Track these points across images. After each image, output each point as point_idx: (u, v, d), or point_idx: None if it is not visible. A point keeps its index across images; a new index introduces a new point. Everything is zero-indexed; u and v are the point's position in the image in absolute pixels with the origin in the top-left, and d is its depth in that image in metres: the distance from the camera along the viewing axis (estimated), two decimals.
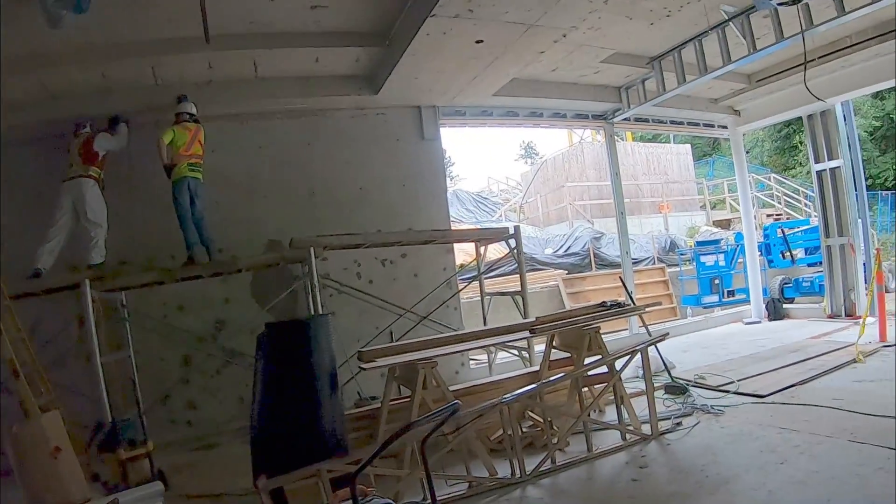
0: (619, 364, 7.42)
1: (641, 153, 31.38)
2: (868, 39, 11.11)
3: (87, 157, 9.11)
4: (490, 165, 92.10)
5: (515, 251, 11.01)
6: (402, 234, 10.71)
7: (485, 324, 11.09)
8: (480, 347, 7.81)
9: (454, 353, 7.76)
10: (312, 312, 9.08)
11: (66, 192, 8.98)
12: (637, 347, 7.42)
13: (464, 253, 14.80)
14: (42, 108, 9.27)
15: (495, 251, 13.71)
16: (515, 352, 10.69)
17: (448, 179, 45.91)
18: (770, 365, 10.03)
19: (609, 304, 8.47)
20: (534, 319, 8.06)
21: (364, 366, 6.90)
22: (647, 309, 9.04)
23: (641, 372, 8.28)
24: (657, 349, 8.62)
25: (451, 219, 26.15)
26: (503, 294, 11.69)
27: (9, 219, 9.01)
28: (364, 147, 11.32)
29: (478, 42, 8.68)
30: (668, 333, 8.49)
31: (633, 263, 20.73)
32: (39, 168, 9.47)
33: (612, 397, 7.57)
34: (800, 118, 15.08)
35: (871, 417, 6.79)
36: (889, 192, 29.19)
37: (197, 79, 9.71)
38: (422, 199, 11.65)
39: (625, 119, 13.81)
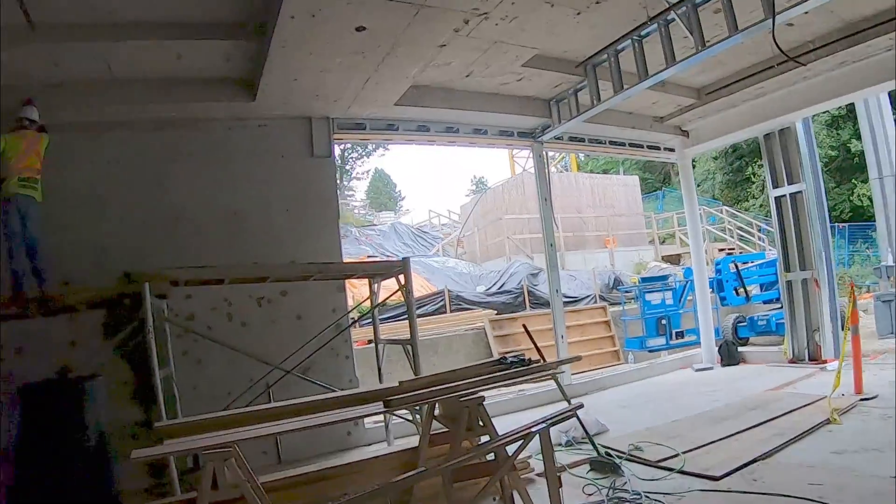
0: (511, 448, 5.48)
1: (587, 184, 30.44)
2: (833, 42, 9.74)
3: None
4: (439, 200, 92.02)
5: (405, 289, 9.17)
6: (271, 268, 8.98)
7: (380, 376, 9.66)
8: (302, 429, 5.88)
9: (265, 435, 5.70)
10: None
11: None
12: (534, 429, 5.29)
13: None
14: None
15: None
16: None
17: (393, 213, 45.96)
18: (725, 428, 8.10)
19: (510, 359, 6.71)
20: (396, 384, 6.21)
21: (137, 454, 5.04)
22: (558, 368, 7.34)
23: (564, 438, 7.09)
24: (577, 416, 6.89)
25: (387, 254, 25.52)
26: (394, 342, 9.89)
27: None
28: (241, 164, 9.78)
29: (359, 29, 7.35)
30: (581, 406, 6.51)
31: (572, 302, 19.65)
32: None
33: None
34: (755, 141, 13.59)
35: None
36: (845, 225, 28.60)
37: (44, 80, 8.36)
38: (309, 226, 10.03)
39: (556, 137, 12.10)
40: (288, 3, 6.66)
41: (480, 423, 5.76)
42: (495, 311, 18.82)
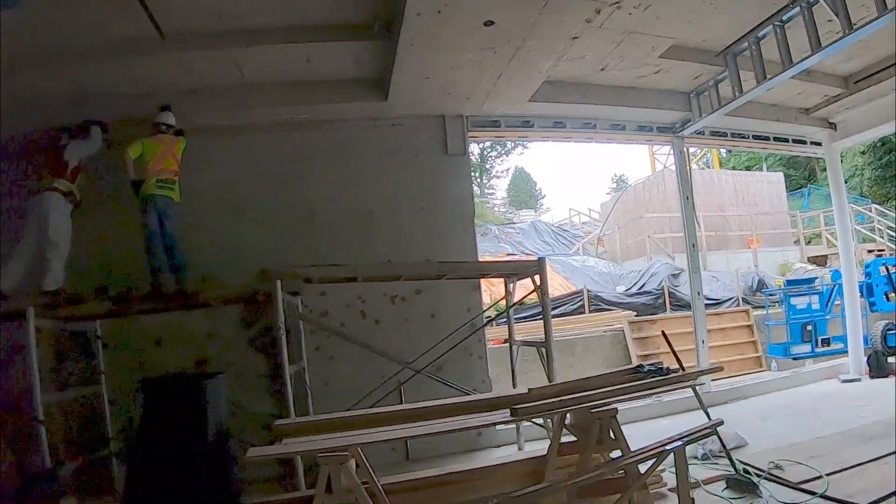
0: (644, 466, 5.22)
1: (729, 181, 29.12)
2: None
3: (55, 168, 8.29)
4: (580, 198, 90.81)
5: (540, 290, 8.84)
6: (403, 266, 8.94)
7: (513, 379, 9.40)
8: (420, 436, 5.75)
9: (383, 441, 5.52)
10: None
11: (31, 207, 8.18)
12: (668, 447, 5.05)
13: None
14: (13, 118, 8.48)
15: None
16: None
17: (533, 211, 45.65)
18: (874, 449, 7.18)
19: (647, 367, 6.36)
20: (525, 391, 5.99)
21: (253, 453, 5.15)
22: (697, 380, 6.82)
23: (700, 451, 6.76)
24: (716, 431, 6.42)
25: (527, 252, 25.36)
26: (529, 344, 9.58)
27: None
28: (374, 163, 9.87)
29: (487, 24, 7.18)
30: (720, 422, 6.08)
31: (714, 304, 18.78)
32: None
33: None
34: None
35: None
36: None
37: (178, 86, 8.79)
38: (444, 225, 9.96)
39: (697, 132, 11.56)
40: (413, 1, 6.61)
41: (612, 437, 5.47)
42: (634, 313, 18.23)
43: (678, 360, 7.13)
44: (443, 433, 5.56)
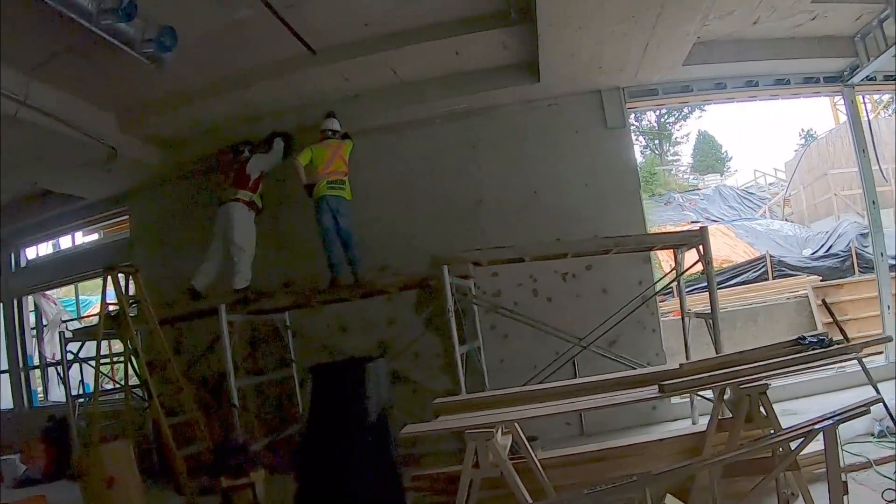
0: (794, 444, 4.68)
1: None
2: None
3: (238, 180, 9.34)
4: (766, 158, 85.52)
5: (704, 260, 8.47)
6: (568, 243, 8.93)
7: (686, 351, 8.94)
8: (571, 411, 5.72)
9: (530, 417, 5.59)
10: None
11: (219, 216, 9.29)
12: (818, 426, 4.46)
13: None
14: (199, 143, 10.17)
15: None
16: None
17: (719, 175, 43.92)
18: None
19: (808, 339, 5.76)
20: (677, 366, 5.88)
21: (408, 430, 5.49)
22: (862, 351, 5.84)
23: (877, 427, 6.37)
24: (885, 405, 5.55)
25: (712, 219, 24.56)
26: (699, 316, 9.04)
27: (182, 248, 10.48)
28: (536, 144, 9.99)
29: None
30: (878, 399, 5.05)
31: None
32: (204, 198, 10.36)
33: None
34: None
35: None
36: None
37: (339, 94, 9.53)
38: (609, 200, 9.82)
39: (868, 78, 10.40)
40: None
41: (763, 414, 5.10)
42: (820, 277, 16.80)
43: (841, 330, 6.49)
44: (587, 409, 5.75)
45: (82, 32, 6.67)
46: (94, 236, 13.93)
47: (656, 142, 46.70)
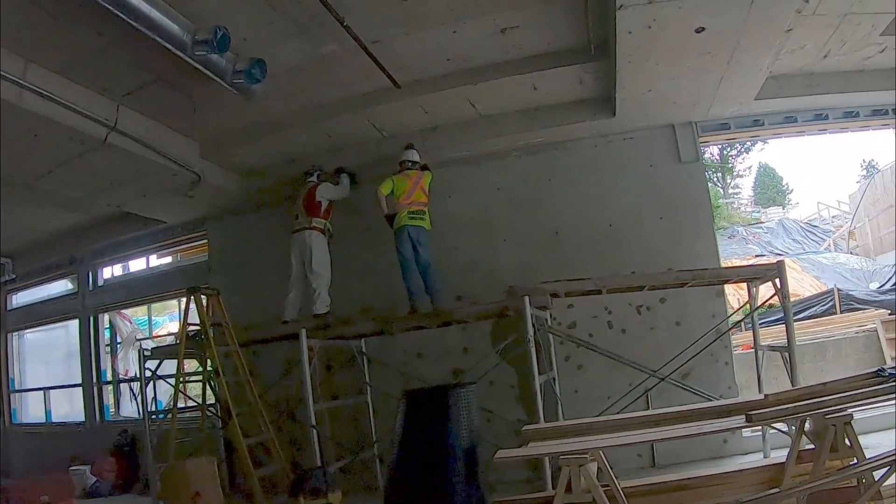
0: (877, 475, 4.87)
1: None
2: None
3: (310, 208, 9.59)
4: (828, 190, 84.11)
5: (780, 293, 8.51)
6: (645, 276, 8.94)
7: (759, 385, 8.93)
8: (659, 440, 5.78)
9: (625, 444, 5.86)
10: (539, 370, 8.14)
11: (294, 245, 9.60)
12: None
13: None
14: (280, 172, 10.56)
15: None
16: None
17: (781, 208, 43.43)
18: None
19: (888, 371, 5.78)
20: (762, 397, 5.99)
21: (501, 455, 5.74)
22: None
23: None
24: None
25: (776, 252, 24.31)
26: (773, 349, 9.18)
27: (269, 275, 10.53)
28: (611, 178, 10.10)
29: (698, 31, 7.20)
30: None
31: None
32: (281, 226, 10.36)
33: None
34: None
35: None
36: None
37: (418, 126, 9.82)
38: (683, 232, 9.85)
39: None
40: (623, 20, 6.78)
41: (848, 444, 5.20)
42: (888, 312, 16.35)
43: None
44: (675, 438, 5.84)
45: (173, 62, 6.98)
46: (168, 259, 14.26)
47: (718, 175, 46.34)
